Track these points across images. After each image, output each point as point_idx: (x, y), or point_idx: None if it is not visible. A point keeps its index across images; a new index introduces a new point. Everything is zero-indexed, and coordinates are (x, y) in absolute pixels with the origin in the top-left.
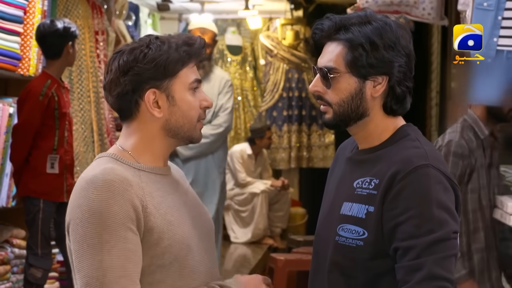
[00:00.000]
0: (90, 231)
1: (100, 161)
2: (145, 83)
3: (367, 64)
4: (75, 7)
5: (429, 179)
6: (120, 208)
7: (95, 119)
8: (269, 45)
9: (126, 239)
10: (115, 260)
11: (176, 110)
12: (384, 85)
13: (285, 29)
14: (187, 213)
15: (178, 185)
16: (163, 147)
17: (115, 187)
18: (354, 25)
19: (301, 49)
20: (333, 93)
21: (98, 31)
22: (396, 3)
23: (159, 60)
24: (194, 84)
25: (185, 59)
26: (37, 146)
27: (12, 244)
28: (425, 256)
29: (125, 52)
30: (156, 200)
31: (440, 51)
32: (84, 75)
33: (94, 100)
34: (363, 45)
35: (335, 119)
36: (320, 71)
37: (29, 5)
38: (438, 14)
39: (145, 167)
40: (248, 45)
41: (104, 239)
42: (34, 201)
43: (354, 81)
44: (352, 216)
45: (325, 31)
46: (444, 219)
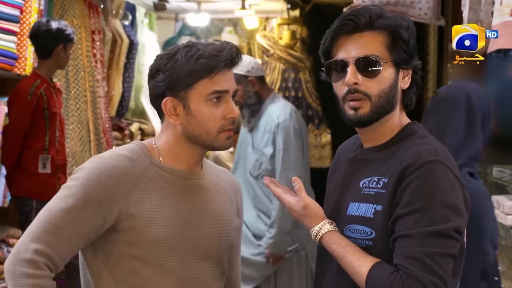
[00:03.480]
0: (66, 188)
1: (125, 146)
2: (165, 91)
3: (407, 53)
4: (71, 6)
5: (437, 175)
6: (97, 187)
7: (91, 119)
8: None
9: (83, 213)
10: (56, 218)
11: (192, 119)
12: (410, 77)
13: (282, 29)
14: (190, 219)
15: (199, 192)
16: (186, 151)
17: (107, 169)
18: (385, 13)
19: (297, 49)
20: (374, 84)
21: (94, 30)
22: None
23: (175, 71)
24: (213, 95)
25: (200, 73)
26: (28, 146)
27: (8, 244)
28: (419, 246)
29: (158, 57)
30: (148, 196)
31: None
32: (81, 74)
33: (90, 100)
34: (402, 34)
35: (373, 112)
36: (362, 61)
37: (25, 4)
38: (435, 14)
39: (162, 165)
40: (245, 45)
41: (66, 199)
42: (27, 201)
43: (394, 71)
44: (359, 216)
45: (362, 20)
46: (446, 215)
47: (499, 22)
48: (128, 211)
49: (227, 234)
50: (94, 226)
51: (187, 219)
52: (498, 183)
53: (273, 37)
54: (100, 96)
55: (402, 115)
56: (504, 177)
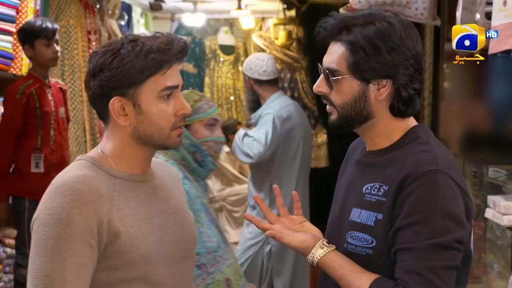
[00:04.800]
0: (48, 237)
1: (77, 164)
2: (111, 90)
3: (369, 68)
4: (67, 6)
5: (437, 185)
6: (82, 220)
7: (87, 119)
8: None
9: (82, 253)
10: (66, 272)
11: (143, 118)
12: (388, 88)
13: (278, 29)
14: (162, 223)
15: (159, 192)
16: (137, 154)
17: (82, 197)
18: (357, 26)
19: (293, 49)
20: (337, 95)
21: (90, 30)
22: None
23: (123, 68)
24: (165, 91)
25: (152, 68)
26: (21, 145)
27: (4, 243)
28: (421, 260)
29: (98, 54)
30: (124, 212)
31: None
32: (77, 74)
33: (86, 100)
34: (365, 49)
35: (340, 120)
36: (323, 72)
37: (21, 4)
38: (431, 14)
39: (121, 174)
40: (241, 45)
41: (60, 248)
42: (20, 201)
43: (357, 84)
44: (361, 224)
45: (328, 30)
46: (447, 227)
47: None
48: (113, 233)
49: (192, 228)
50: (94, 259)
51: (159, 224)
52: (494, 183)
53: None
54: None
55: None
56: (500, 177)
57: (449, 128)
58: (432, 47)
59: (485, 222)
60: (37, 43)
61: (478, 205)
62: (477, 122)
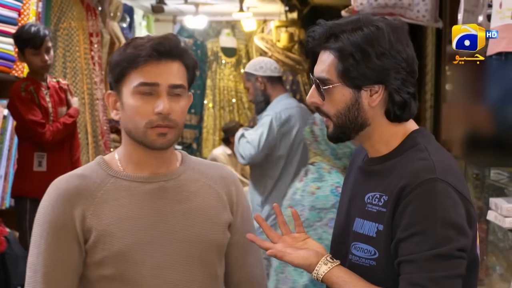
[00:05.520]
0: (34, 232)
1: (87, 164)
2: (110, 85)
3: (359, 74)
4: (69, 9)
5: (436, 194)
6: (57, 216)
7: (89, 121)
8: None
9: (57, 248)
10: (41, 265)
11: (124, 114)
12: (381, 94)
13: (280, 31)
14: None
15: (167, 194)
16: (139, 154)
17: (59, 194)
18: (344, 33)
19: (295, 51)
20: (329, 105)
21: (92, 33)
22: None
23: (110, 63)
24: (140, 87)
25: (125, 63)
26: (23, 144)
27: None
28: (423, 272)
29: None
30: (104, 210)
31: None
32: (79, 77)
33: (88, 102)
34: (354, 55)
35: (336, 131)
36: (314, 82)
37: (23, 7)
38: (433, 16)
39: (120, 174)
40: (243, 47)
41: (37, 243)
42: (22, 202)
43: (349, 92)
44: (363, 235)
45: (316, 39)
46: (448, 236)
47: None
48: (89, 229)
49: (213, 232)
50: (75, 253)
51: (151, 225)
52: (496, 185)
53: (271, 39)
54: (98, 99)
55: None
56: (502, 179)
57: (451, 130)
58: (434, 49)
59: (487, 225)
60: (26, 52)
61: (480, 207)
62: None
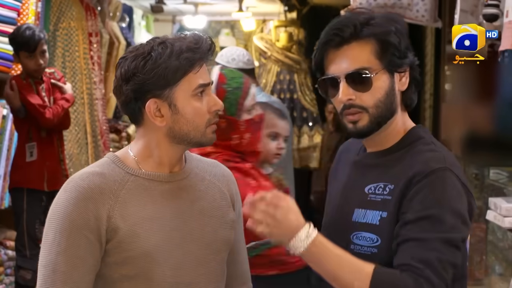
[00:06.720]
0: (49, 230)
1: (98, 162)
2: (146, 93)
3: (399, 54)
4: (68, 8)
5: (446, 183)
6: (79, 215)
7: (88, 121)
8: (263, 47)
9: (78, 246)
10: (61, 264)
11: (179, 118)
12: (407, 76)
13: (279, 31)
14: (177, 224)
15: (183, 193)
16: (169, 153)
17: (81, 193)
18: (372, 20)
19: (294, 51)
20: (369, 96)
21: (91, 33)
22: (390, 5)
23: (157, 70)
24: (198, 89)
25: (186, 67)
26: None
27: (5, 246)
28: (434, 251)
29: (128, 59)
30: (129, 209)
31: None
32: (78, 76)
33: (87, 102)
34: (394, 35)
35: (372, 123)
36: (353, 76)
37: (22, 7)
38: (432, 16)
39: (139, 172)
40: (242, 47)
41: (56, 241)
42: (18, 194)
43: (387, 77)
44: (366, 223)
45: (347, 32)
46: (456, 225)
47: None
48: (113, 229)
49: (224, 230)
50: (95, 253)
51: (173, 225)
52: (495, 185)
53: (270, 39)
54: (97, 98)
55: (404, 118)
56: (501, 179)
57: (450, 130)
58: (433, 49)
59: (487, 224)
60: (21, 54)
61: (479, 207)
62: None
